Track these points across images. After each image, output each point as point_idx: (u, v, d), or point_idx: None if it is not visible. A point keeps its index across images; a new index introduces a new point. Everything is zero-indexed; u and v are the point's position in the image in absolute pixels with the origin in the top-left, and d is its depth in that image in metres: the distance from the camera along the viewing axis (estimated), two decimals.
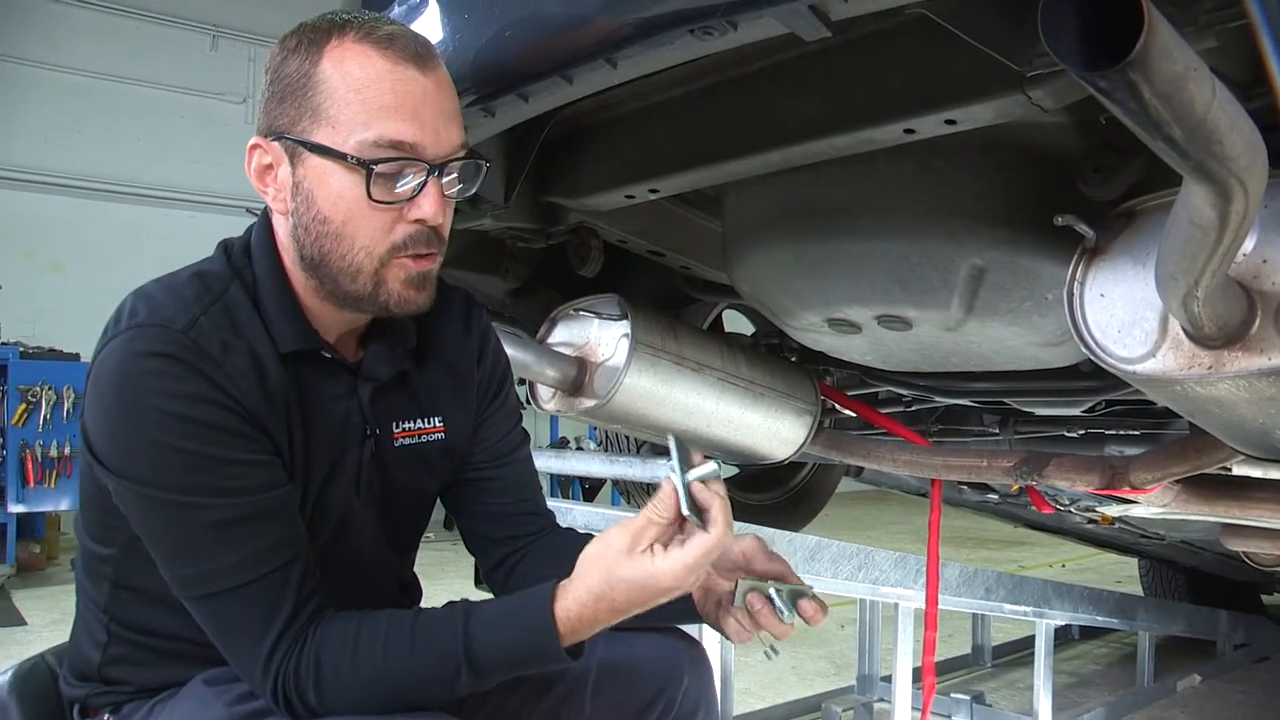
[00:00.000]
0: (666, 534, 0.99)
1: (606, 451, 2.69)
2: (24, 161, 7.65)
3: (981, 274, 1.37)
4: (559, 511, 1.34)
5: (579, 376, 1.73)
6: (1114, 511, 2.33)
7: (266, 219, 1.09)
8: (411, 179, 1.01)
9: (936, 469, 1.93)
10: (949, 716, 3.25)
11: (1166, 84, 0.61)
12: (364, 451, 1.13)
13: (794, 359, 2.07)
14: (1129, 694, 3.70)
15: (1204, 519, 2.10)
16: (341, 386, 1.12)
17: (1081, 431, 1.91)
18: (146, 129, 8.23)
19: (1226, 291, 0.97)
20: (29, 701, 1.19)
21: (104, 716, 1.14)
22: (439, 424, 1.20)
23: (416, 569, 1.33)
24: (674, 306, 2.11)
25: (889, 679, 2.75)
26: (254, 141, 1.04)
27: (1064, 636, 4.55)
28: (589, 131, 1.62)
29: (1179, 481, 1.81)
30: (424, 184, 1.01)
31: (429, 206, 1.01)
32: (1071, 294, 1.17)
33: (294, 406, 1.06)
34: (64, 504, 5.59)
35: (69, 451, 5.50)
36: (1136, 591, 4.53)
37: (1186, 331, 1.05)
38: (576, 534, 1.30)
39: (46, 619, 4.63)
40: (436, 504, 1.29)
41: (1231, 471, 1.68)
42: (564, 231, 1.80)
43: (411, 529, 1.26)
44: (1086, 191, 1.23)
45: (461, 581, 1.93)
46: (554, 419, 8.46)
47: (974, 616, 4.09)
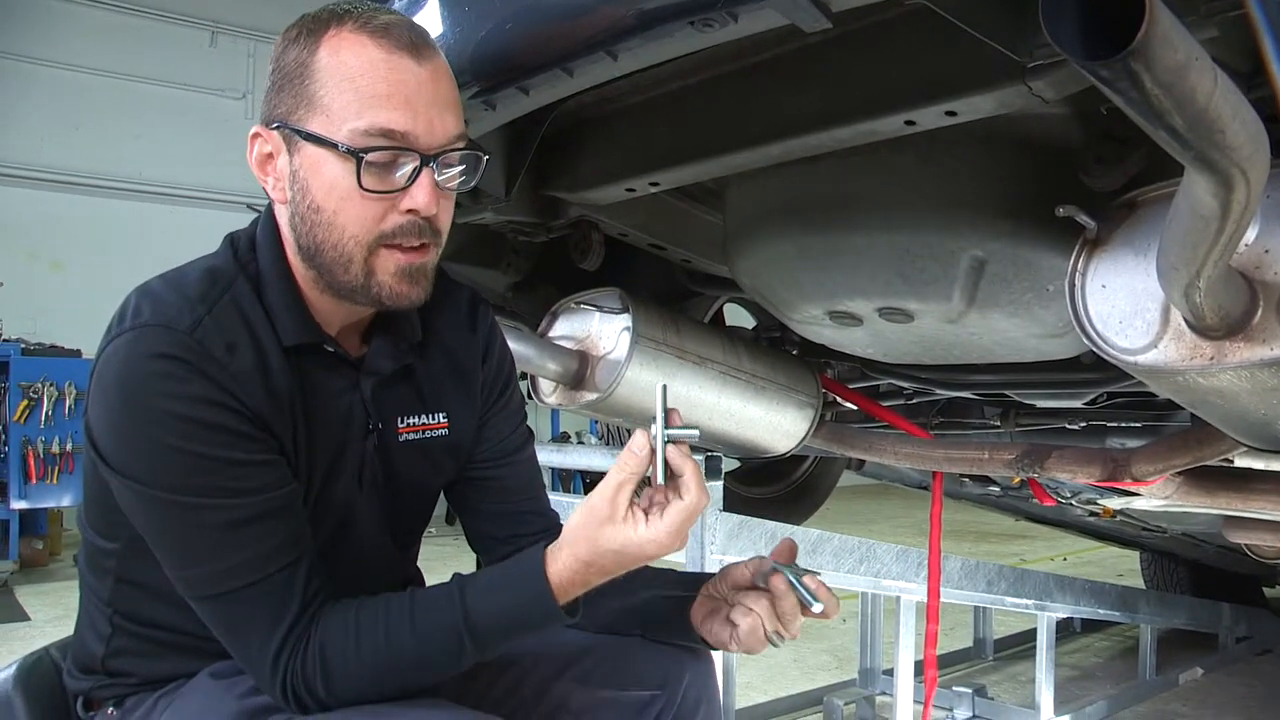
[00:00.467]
0: (639, 489, 1.01)
1: (608, 445, 2.69)
2: (24, 159, 7.66)
3: (982, 265, 1.37)
4: (560, 506, 1.34)
5: (580, 370, 1.73)
6: (1116, 504, 2.33)
7: (272, 211, 1.09)
8: (405, 169, 1.00)
9: (938, 462, 1.93)
10: (951, 709, 3.26)
11: (1168, 73, 0.61)
12: (367, 446, 1.13)
13: (795, 352, 2.07)
14: (1131, 687, 3.70)
15: (1206, 511, 2.10)
16: (344, 381, 1.11)
17: (1083, 424, 1.91)
18: (146, 126, 8.23)
19: (1228, 282, 0.97)
20: (34, 695, 1.20)
21: (108, 709, 1.14)
22: (443, 419, 1.20)
23: (419, 563, 1.33)
24: (675, 300, 2.11)
25: (891, 672, 2.76)
26: (255, 130, 1.05)
27: (1066, 630, 4.55)
28: (589, 125, 1.61)
29: (1181, 474, 1.82)
30: (417, 174, 1.00)
31: (421, 197, 1.00)
32: (1073, 285, 1.17)
33: (297, 402, 1.05)
34: (66, 500, 5.60)
35: (71, 448, 5.51)
36: (1138, 585, 4.53)
37: (1188, 322, 1.05)
38: None
39: (49, 614, 4.64)
40: (439, 498, 1.29)
41: (1233, 463, 1.68)
42: (565, 225, 1.80)
43: (414, 523, 1.26)
44: (1088, 182, 1.23)
45: None
46: (555, 413, 8.46)
47: (976, 610, 4.09)
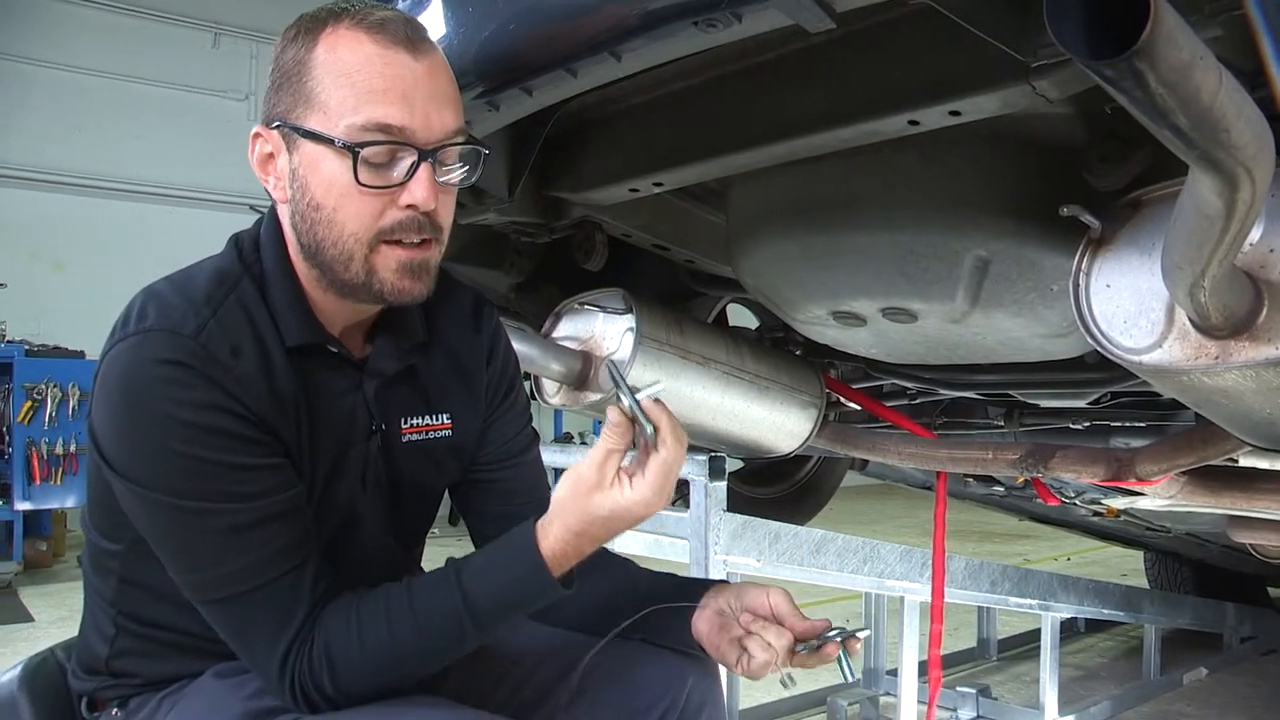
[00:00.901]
0: (626, 458, 1.02)
1: None
2: (26, 160, 7.66)
3: (986, 265, 1.37)
4: None
5: (584, 371, 1.73)
6: (1120, 504, 2.32)
7: (274, 212, 1.09)
8: (403, 164, 1.00)
9: (942, 462, 1.93)
10: (955, 710, 3.25)
11: (1173, 72, 0.61)
12: (370, 447, 1.13)
13: (799, 352, 2.07)
14: (1135, 687, 3.69)
15: (1210, 511, 2.10)
16: (347, 381, 1.11)
17: (1087, 423, 1.90)
18: (148, 127, 8.24)
19: (1233, 281, 0.97)
20: (38, 696, 1.20)
21: (112, 710, 1.14)
22: (446, 420, 1.20)
23: (423, 563, 1.33)
24: (678, 300, 2.10)
25: (895, 672, 2.75)
26: (255, 130, 1.05)
27: (1070, 630, 4.54)
28: (593, 125, 1.61)
29: (1185, 473, 1.81)
30: (415, 169, 1.00)
31: (420, 192, 1.00)
32: (1077, 285, 1.16)
33: (301, 402, 1.05)
34: (70, 501, 5.60)
35: (74, 449, 5.50)
36: (1142, 585, 4.52)
37: (1193, 322, 1.05)
38: None
39: (53, 616, 4.65)
40: (444, 499, 1.29)
41: (1238, 463, 1.67)
42: (568, 226, 1.80)
43: (418, 524, 1.26)
44: (1092, 182, 1.23)
45: None
46: (558, 413, 8.45)
47: (979, 610, 4.09)
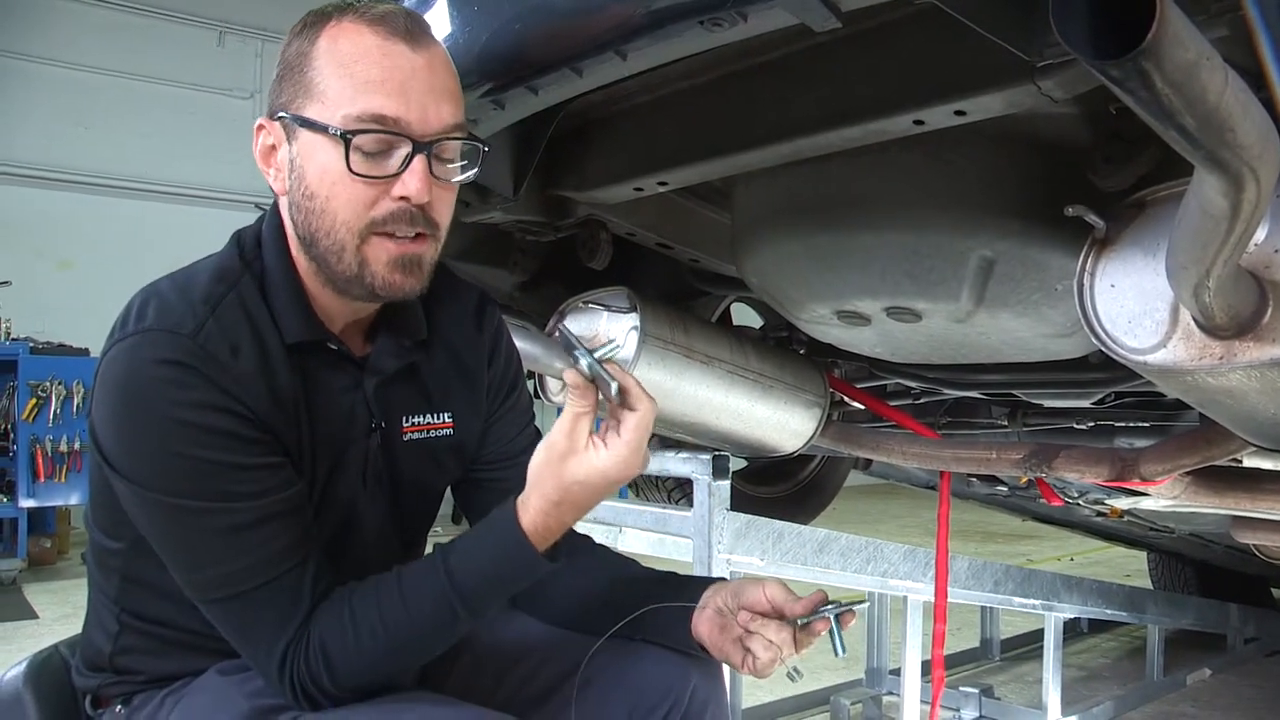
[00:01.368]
0: (595, 421, 1.02)
1: None
2: (32, 158, 7.67)
3: (991, 265, 1.37)
4: None
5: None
6: (1123, 504, 2.32)
7: (277, 207, 1.09)
8: (398, 155, 1.00)
9: (946, 461, 1.93)
10: (958, 710, 3.25)
11: (1179, 73, 0.61)
12: (370, 444, 1.13)
13: (803, 351, 2.07)
14: (1138, 687, 3.69)
15: (1214, 512, 2.10)
16: (347, 379, 1.11)
17: (1091, 423, 1.90)
18: (154, 125, 8.24)
19: (1238, 281, 0.97)
20: (43, 693, 1.20)
21: (115, 707, 1.15)
22: (448, 419, 1.20)
23: None
24: (683, 299, 2.11)
25: (898, 672, 2.75)
26: (259, 123, 1.05)
27: (1073, 630, 4.54)
28: (598, 124, 1.62)
29: (1189, 474, 1.81)
30: (409, 160, 1.00)
31: (413, 183, 1.00)
32: (1081, 285, 1.16)
33: (300, 400, 1.05)
34: (74, 498, 5.61)
35: (79, 446, 5.51)
36: (1146, 585, 4.51)
37: (1198, 322, 1.05)
38: (591, 541, 1.30)
39: (57, 613, 4.66)
40: (445, 496, 1.29)
41: (1242, 463, 1.67)
42: (573, 224, 1.80)
43: (419, 522, 1.26)
44: (1097, 182, 1.23)
45: None
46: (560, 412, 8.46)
47: (982, 610, 4.08)
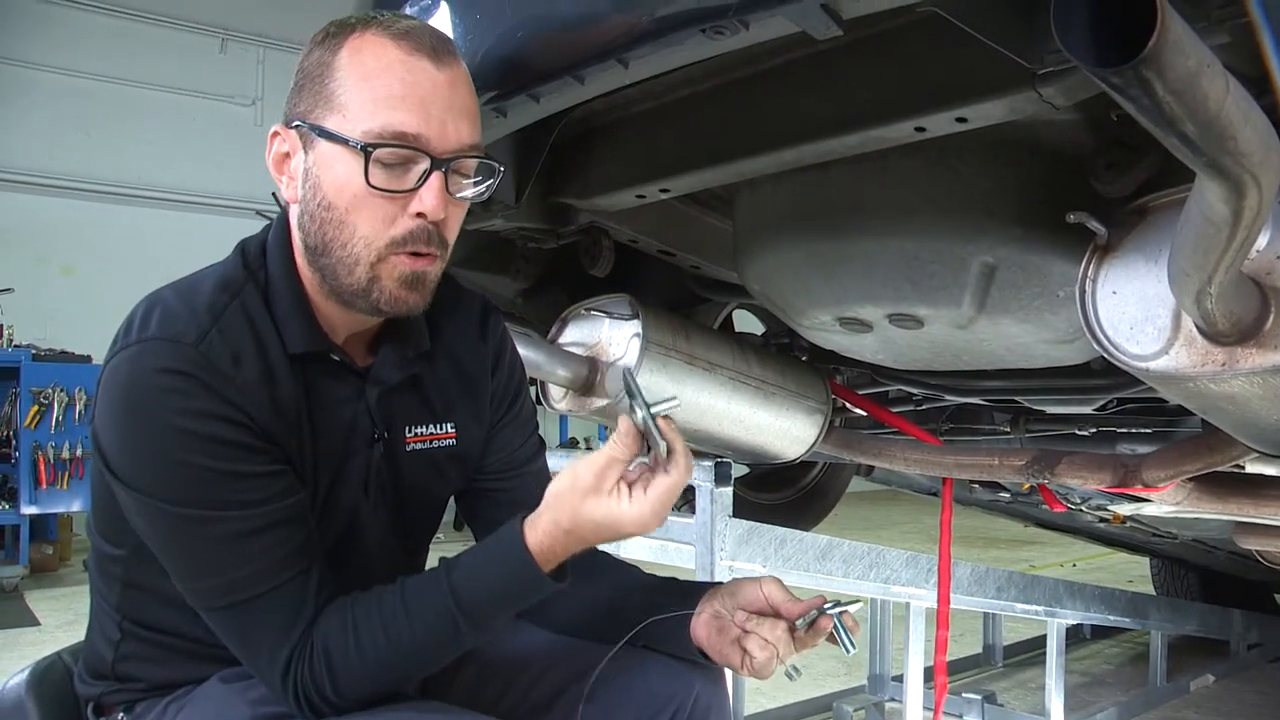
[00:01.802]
0: (629, 471, 1.00)
1: None
2: (35, 165, 7.68)
3: (993, 271, 1.37)
4: None
5: (590, 376, 1.73)
6: (1126, 510, 2.32)
7: (284, 217, 1.09)
8: (415, 172, 1.00)
9: (948, 468, 1.93)
10: (960, 716, 3.24)
11: (1180, 80, 0.61)
12: (372, 455, 1.13)
13: (804, 358, 2.07)
14: (1141, 694, 3.68)
15: (1217, 517, 2.09)
16: (349, 389, 1.11)
17: (1093, 429, 1.90)
18: (156, 132, 8.25)
19: (1240, 288, 0.97)
20: (46, 701, 1.20)
21: (118, 715, 1.15)
22: (451, 429, 1.20)
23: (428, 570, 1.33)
24: (684, 306, 2.11)
25: (900, 679, 2.75)
26: (274, 129, 1.06)
27: (1075, 636, 4.53)
28: (600, 132, 1.62)
29: (1192, 479, 1.81)
30: (426, 176, 1.00)
31: (430, 200, 1.00)
32: (1083, 291, 1.16)
33: (303, 410, 1.06)
34: (76, 505, 5.61)
35: (81, 453, 5.51)
36: (1148, 591, 4.51)
37: (1200, 328, 1.05)
38: (595, 549, 1.29)
39: (59, 620, 4.65)
40: (448, 505, 1.29)
41: (1245, 469, 1.67)
42: (575, 231, 1.80)
43: (422, 531, 1.26)
44: (1098, 188, 1.23)
45: None
46: (564, 419, 8.46)
47: (985, 616, 4.08)
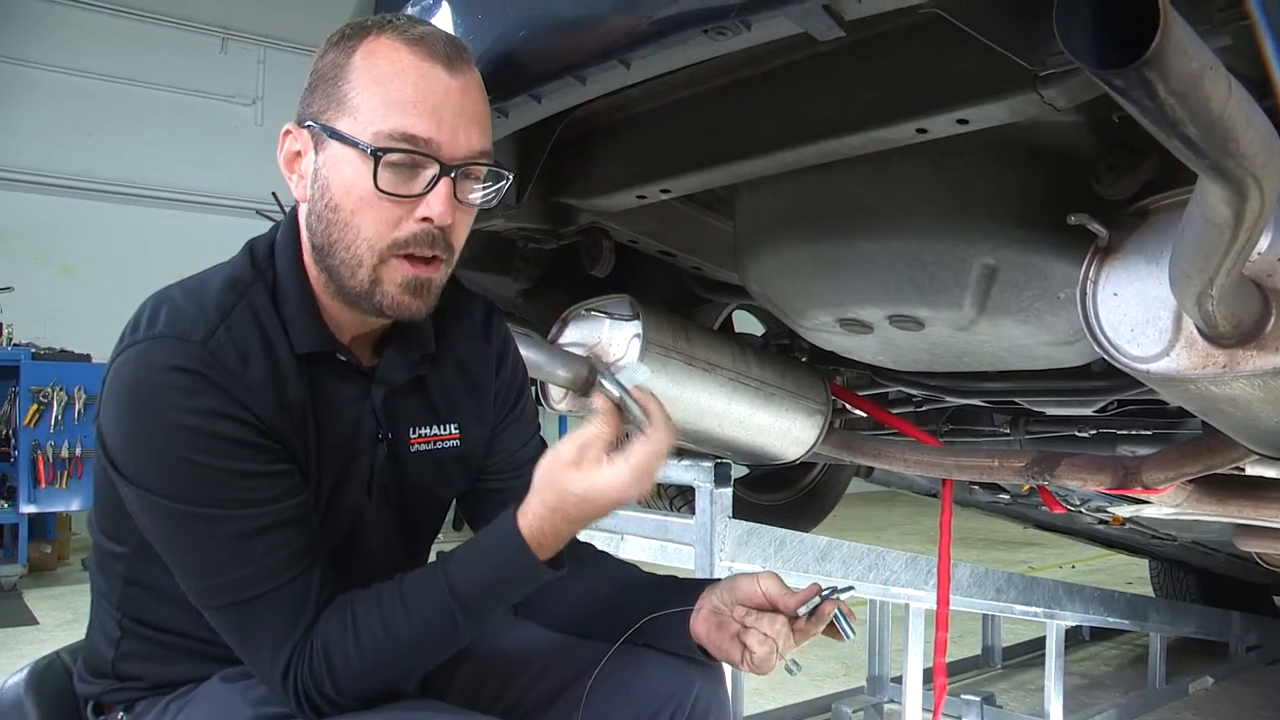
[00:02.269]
0: (612, 446, 1.00)
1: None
2: (35, 164, 7.69)
3: (994, 273, 1.37)
4: None
5: (590, 377, 1.73)
6: (1125, 512, 2.32)
7: (293, 217, 1.10)
8: (424, 176, 1.01)
9: (948, 469, 1.93)
10: (959, 718, 3.24)
11: (1182, 82, 0.61)
12: (377, 455, 1.13)
13: (804, 359, 2.07)
14: (1140, 695, 3.68)
15: (1216, 519, 2.09)
16: (355, 390, 1.12)
17: (1093, 431, 1.90)
18: (156, 131, 8.25)
19: (1241, 290, 0.97)
20: (45, 700, 1.20)
21: (118, 714, 1.15)
22: (455, 430, 1.20)
23: None
24: (685, 307, 2.11)
25: (899, 680, 2.74)
26: (286, 128, 1.06)
27: (1075, 638, 4.53)
28: (601, 132, 1.62)
29: (1192, 481, 1.81)
30: (435, 182, 1.01)
31: (437, 205, 1.00)
32: (1084, 293, 1.17)
33: (308, 409, 1.06)
34: (75, 504, 5.60)
35: (80, 452, 5.50)
36: (1147, 593, 4.51)
37: (1201, 330, 1.05)
38: (591, 547, 1.30)
39: (58, 619, 4.65)
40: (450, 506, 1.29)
41: (1245, 471, 1.67)
42: (575, 232, 1.80)
43: (425, 532, 1.26)
44: (1100, 190, 1.23)
45: None
46: (563, 419, 8.46)
47: (984, 617, 4.08)
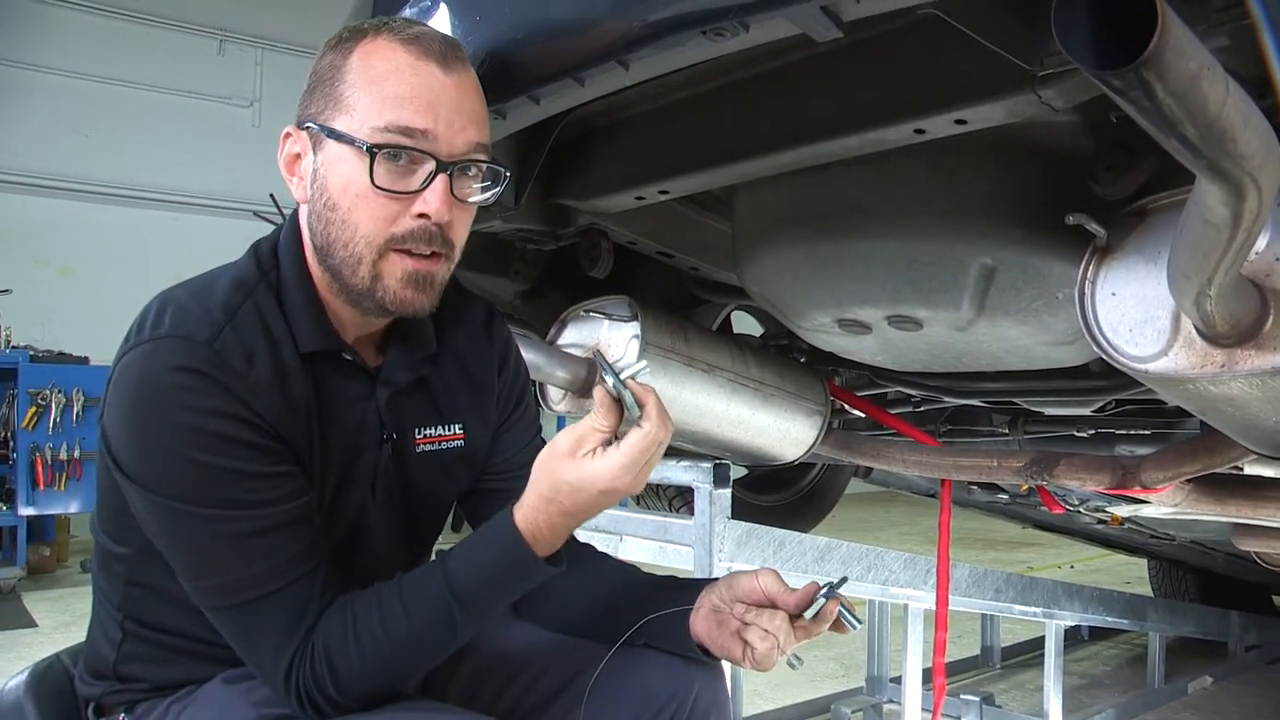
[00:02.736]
0: (609, 439, 1.00)
1: None
2: (33, 166, 7.68)
3: (992, 273, 1.37)
4: None
5: (589, 378, 1.73)
6: (1124, 512, 2.32)
7: (295, 219, 1.10)
8: (421, 173, 1.01)
9: (947, 469, 1.93)
10: (959, 718, 3.24)
11: (1180, 83, 0.61)
12: (380, 455, 1.14)
13: (803, 360, 2.07)
14: (1140, 695, 3.68)
15: (1215, 519, 2.09)
16: (360, 389, 1.12)
17: (1092, 431, 1.90)
18: (154, 133, 8.25)
19: (1239, 290, 0.97)
20: (45, 702, 1.20)
21: (119, 716, 1.15)
22: (459, 431, 1.21)
23: None
24: (683, 307, 2.11)
25: (898, 680, 2.75)
26: (286, 130, 1.07)
27: (1074, 637, 4.53)
28: (599, 133, 1.62)
29: (1190, 481, 1.81)
30: (431, 178, 1.01)
31: (434, 201, 1.01)
32: (1083, 293, 1.17)
33: (313, 409, 1.06)
34: (74, 507, 5.59)
35: (78, 454, 5.49)
36: (1146, 592, 4.51)
37: (1199, 330, 1.05)
38: (591, 549, 1.30)
39: (57, 621, 4.65)
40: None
41: (1243, 471, 1.67)
42: (574, 233, 1.80)
43: (427, 533, 1.26)
44: (1098, 190, 1.23)
45: None
46: (562, 420, 8.46)
47: (983, 617, 4.08)
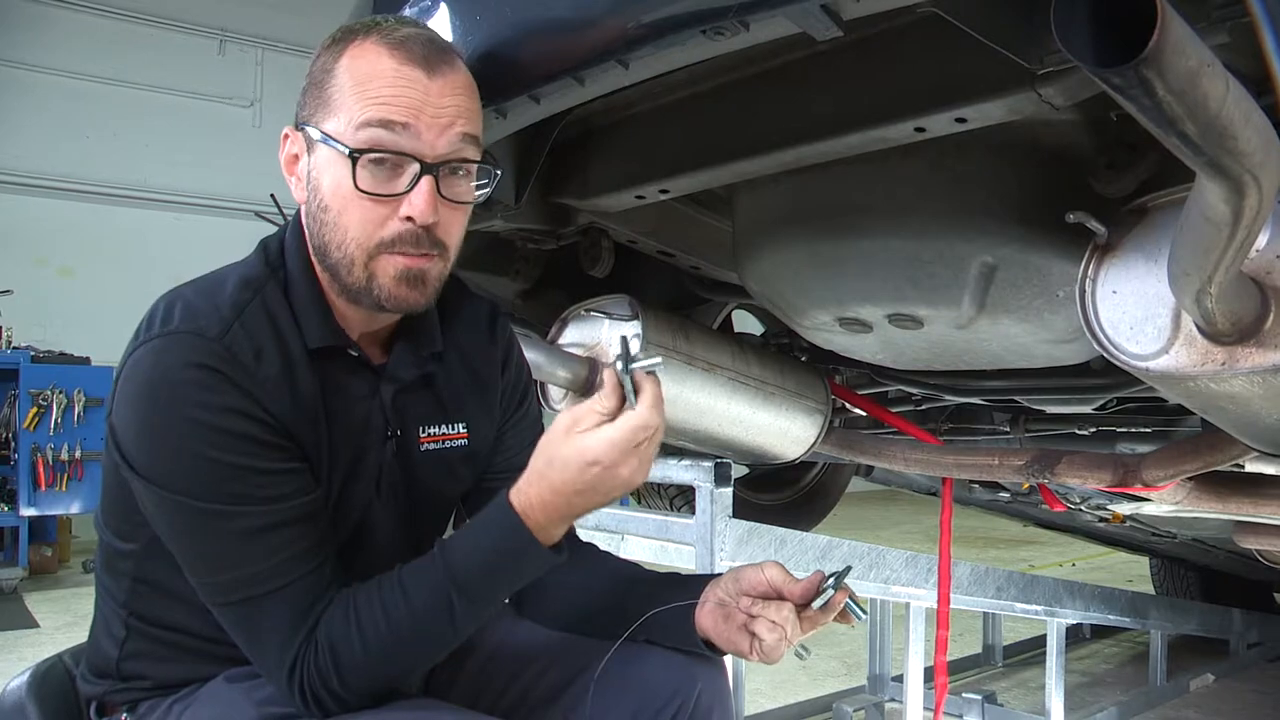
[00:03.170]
0: (608, 420, 0.99)
1: None
2: (33, 166, 7.68)
3: (993, 271, 1.37)
4: None
5: (590, 377, 1.73)
6: (1126, 509, 2.32)
7: (298, 217, 1.11)
8: (406, 175, 1.02)
9: (948, 468, 1.93)
10: (961, 716, 3.24)
11: (1180, 80, 0.61)
12: (385, 453, 1.14)
13: (804, 358, 2.07)
14: (1141, 693, 3.68)
15: (1216, 517, 2.09)
16: (365, 386, 1.12)
17: (1093, 429, 1.90)
18: (155, 133, 8.24)
19: (1240, 287, 0.97)
20: (47, 702, 1.20)
21: (121, 715, 1.15)
22: (463, 429, 1.21)
23: None
24: (684, 306, 2.11)
25: (900, 679, 2.75)
26: (285, 130, 1.08)
27: (1075, 635, 4.54)
28: (599, 132, 1.62)
29: (1191, 479, 1.81)
30: (416, 180, 1.01)
31: (419, 203, 1.01)
32: (1083, 291, 1.17)
33: (319, 405, 1.07)
34: (75, 507, 5.60)
35: (80, 455, 5.50)
36: (1148, 590, 4.51)
37: (1200, 328, 1.05)
38: (593, 547, 1.31)
39: (58, 621, 4.65)
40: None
41: (1244, 468, 1.67)
42: (574, 232, 1.81)
43: (431, 530, 1.26)
44: (1098, 188, 1.23)
45: None
46: None
47: (985, 616, 4.08)
